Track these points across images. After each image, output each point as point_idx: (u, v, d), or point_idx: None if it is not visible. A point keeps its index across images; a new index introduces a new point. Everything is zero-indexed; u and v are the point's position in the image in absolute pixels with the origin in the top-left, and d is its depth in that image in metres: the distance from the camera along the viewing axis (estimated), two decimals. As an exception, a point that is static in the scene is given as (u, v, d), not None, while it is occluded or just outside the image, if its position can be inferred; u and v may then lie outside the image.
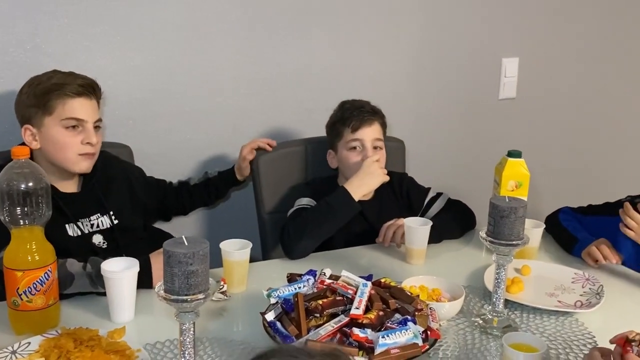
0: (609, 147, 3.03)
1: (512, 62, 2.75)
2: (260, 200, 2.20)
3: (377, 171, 2.00)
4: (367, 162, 2.00)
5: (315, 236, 1.94)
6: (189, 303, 1.21)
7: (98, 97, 1.81)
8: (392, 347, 1.33)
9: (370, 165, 1.99)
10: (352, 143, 2.05)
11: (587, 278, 1.79)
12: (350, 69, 2.49)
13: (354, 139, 2.05)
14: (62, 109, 1.74)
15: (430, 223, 1.91)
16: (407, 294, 1.52)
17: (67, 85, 1.73)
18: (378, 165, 2.01)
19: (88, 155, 1.79)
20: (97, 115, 1.80)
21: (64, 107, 1.73)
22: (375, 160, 2.01)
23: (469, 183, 2.64)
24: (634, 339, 1.26)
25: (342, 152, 2.07)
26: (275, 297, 1.49)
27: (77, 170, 1.80)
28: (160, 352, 1.44)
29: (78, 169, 1.79)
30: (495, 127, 2.79)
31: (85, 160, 1.79)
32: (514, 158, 1.96)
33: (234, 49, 2.31)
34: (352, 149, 2.06)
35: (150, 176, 2.11)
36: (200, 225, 2.42)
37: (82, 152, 1.77)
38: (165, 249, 1.20)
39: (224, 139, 2.35)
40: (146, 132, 2.26)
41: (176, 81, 2.26)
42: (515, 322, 1.60)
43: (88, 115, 1.77)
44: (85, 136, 1.76)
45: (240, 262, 1.69)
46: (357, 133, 2.05)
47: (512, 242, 1.50)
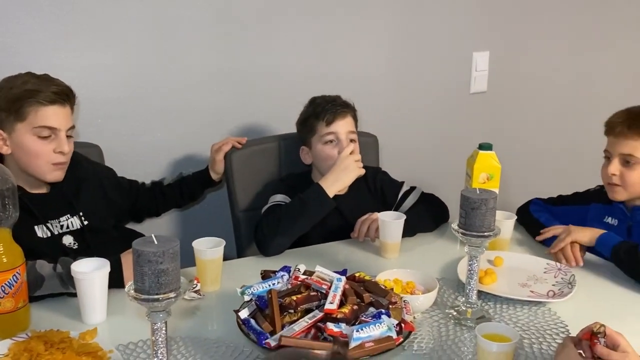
0: (578, 138, 3.06)
1: (483, 56, 2.77)
2: (234, 198, 2.19)
3: (351, 165, 1.99)
4: (341, 157, 2.00)
5: (289, 233, 1.93)
6: (160, 302, 1.19)
7: (72, 103, 1.77)
8: (367, 341, 1.33)
9: (344, 160, 1.99)
10: (328, 137, 2.05)
11: (559, 268, 1.81)
12: (323, 65, 2.48)
13: (329, 133, 2.05)
14: (35, 117, 1.70)
15: (404, 217, 1.92)
16: (382, 287, 1.52)
17: (41, 93, 1.69)
18: (353, 158, 2.00)
19: (60, 164, 1.76)
20: (70, 122, 1.77)
21: (37, 115, 1.70)
22: (350, 153, 2.01)
23: (441, 176, 2.66)
24: (598, 331, 1.28)
25: (317, 147, 2.07)
26: (249, 294, 1.49)
27: (48, 179, 1.77)
28: (133, 352, 1.43)
29: (50, 178, 1.77)
30: (467, 120, 2.81)
31: (57, 170, 1.76)
32: (485, 151, 1.97)
33: (205, 47, 2.29)
34: (328, 142, 2.05)
35: (122, 177, 2.09)
36: (174, 225, 2.40)
37: (54, 161, 1.74)
38: (135, 248, 1.18)
39: (197, 137, 2.34)
40: (116, 131, 2.23)
41: (146, 80, 2.24)
42: (489, 313, 1.61)
43: (61, 123, 1.73)
44: (57, 145, 1.73)
45: (213, 260, 1.68)
46: (332, 126, 2.05)
47: (484, 233, 1.50)
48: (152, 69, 2.23)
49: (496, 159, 1.98)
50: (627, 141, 1.82)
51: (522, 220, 2.09)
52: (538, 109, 2.95)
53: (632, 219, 1.89)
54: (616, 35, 3.01)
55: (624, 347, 1.30)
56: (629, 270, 1.75)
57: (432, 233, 2.09)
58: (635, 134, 1.81)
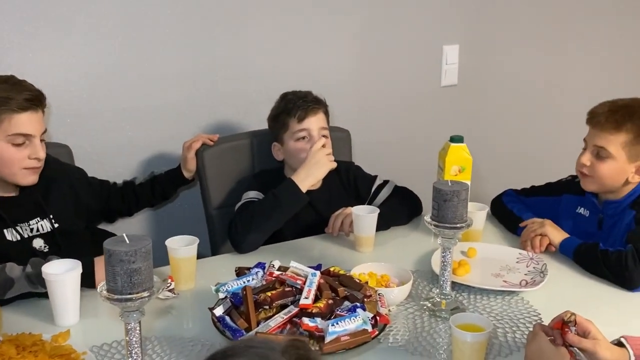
0: (549, 129, 3.10)
1: (453, 49, 2.78)
2: (207, 195, 2.17)
3: (322, 159, 1.99)
4: (312, 151, 1.99)
5: (263, 229, 1.93)
6: (134, 302, 1.19)
7: (44, 107, 1.74)
8: (342, 335, 1.34)
9: (315, 155, 1.99)
10: (300, 133, 2.04)
11: (531, 257, 1.83)
12: (294, 60, 2.48)
13: (302, 129, 2.04)
14: (9, 125, 1.66)
15: (378, 210, 1.93)
16: (356, 281, 1.53)
17: (13, 100, 1.66)
18: (324, 152, 2.00)
19: (34, 169, 1.74)
20: (43, 126, 1.74)
21: (10, 123, 1.66)
22: (322, 147, 2.00)
23: (414, 169, 2.66)
24: (569, 320, 1.30)
25: (290, 143, 2.06)
26: (224, 291, 1.48)
27: (23, 183, 1.75)
28: (107, 353, 1.42)
29: (24, 182, 1.74)
30: (439, 113, 2.83)
31: (31, 174, 1.74)
32: (456, 143, 1.98)
33: (174, 43, 2.27)
34: (300, 139, 2.05)
35: (93, 177, 2.06)
36: (147, 224, 2.38)
37: (28, 166, 1.72)
38: (106, 248, 1.17)
39: (168, 135, 2.32)
40: (86, 130, 2.21)
41: (115, 78, 2.21)
42: (463, 304, 1.63)
43: (35, 129, 1.70)
44: (32, 151, 1.71)
45: (187, 258, 1.67)
46: (304, 123, 2.04)
47: (456, 225, 1.52)
48: (120, 66, 2.21)
49: (467, 151, 1.99)
50: (602, 134, 1.81)
51: (496, 212, 2.11)
52: (508, 101, 2.98)
53: (603, 212, 1.90)
54: (586, 26, 3.05)
55: (595, 334, 1.32)
56: (591, 268, 1.76)
57: (406, 226, 2.10)
58: (611, 128, 1.80)
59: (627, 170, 1.82)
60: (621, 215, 1.86)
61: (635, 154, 1.80)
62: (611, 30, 3.12)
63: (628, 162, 1.81)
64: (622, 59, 3.18)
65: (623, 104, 1.84)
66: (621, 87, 2.14)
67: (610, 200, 1.89)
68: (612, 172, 1.82)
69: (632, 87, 2.21)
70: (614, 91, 1.94)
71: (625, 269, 1.67)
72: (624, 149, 1.80)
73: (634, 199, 1.85)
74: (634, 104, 1.84)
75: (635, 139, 1.79)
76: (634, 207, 1.83)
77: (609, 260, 1.71)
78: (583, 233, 1.89)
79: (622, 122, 1.79)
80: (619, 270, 1.68)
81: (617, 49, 3.16)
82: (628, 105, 1.83)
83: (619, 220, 1.85)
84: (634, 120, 1.79)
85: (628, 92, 1.94)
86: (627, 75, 3.16)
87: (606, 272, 1.71)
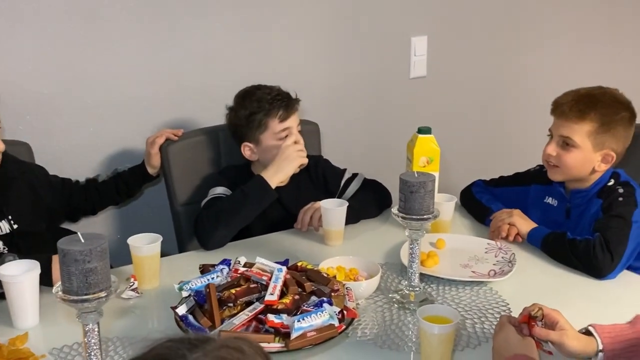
0: (516, 120, 3.11)
1: (421, 40, 2.77)
2: (172, 192, 2.13)
3: (292, 155, 1.97)
4: (283, 147, 1.97)
5: (231, 225, 1.90)
6: (90, 303, 1.15)
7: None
8: (309, 330, 1.32)
9: (285, 150, 1.96)
10: (283, 133, 2.00)
11: (499, 247, 1.83)
12: (259, 53, 2.44)
13: (284, 129, 2.00)
14: None
15: (346, 204, 1.91)
16: (323, 275, 1.51)
17: None
18: (295, 148, 1.98)
19: None
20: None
21: None
22: (293, 143, 1.97)
23: (383, 162, 2.66)
24: (536, 315, 1.30)
25: (270, 143, 2.01)
26: (187, 289, 1.45)
27: None
28: (67, 355, 1.38)
29: None
30: (408, 105, 2.81)
31: None
32: (424, 134, 1.97)
33: (135, 37, 2.22)
34: (283, 138, 2.00)
35: (54, 175, 2.01)
36: (111, 223, 2.33)
37: None
38: (60, 248, 1.13)
39: (131, 131, 2.27)
40: (46, 128, 2.15)
41: (75, 73, 2.16)
42: (432, 296, 1.62)
43: None
44: None
45: (150, 256, 1.63)
46: (286, 122, 2.00)
47: (423, 216, 1.50)
48: (80, 61, 2.15)
49: (435, 142, 1.98)
50: (567, 123, 1.81)
51: (465, 202, 2.11)
52: (477, 92, 2.98)
53: (571, 201, 1.90)
54: (554, 16, 3.06)
55: (562, 325, 1.32)
56: (559, 258, 1.76)
57: (375, 219, 2.08)
58: (576, 117, 1.79)
59: (593, 159, 1.82)
60: (588, 204, 1.86)
61: (601, 143, 1.80)
62: (580, 21, 3.13)
63: (593, 151, 1.80)
64: (589, 49, 3.20)
65: (586, 93, 1.84)
66: (589, 77, 2.14)
67: (578, 190, 1.89)
68: (578, 162, 1.82)
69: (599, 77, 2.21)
70: (581, 81, 1.94)
71: (594, 257, 1.67)
72: (589, 138, 1.79)
73: (601, 187, 1.85)
74: (596, 93, 1.84)
75: (600, 127, 1.79)
76: (601, 196, 1.83)
77: (577, 249, 1.71)
78: (551, 222, 1.89)
79: (586, 111, 1.79)
80: (587, 259, 1.68)
81: (584, 39, 3.17)
82: (591, 94, 1.83)
83: (586, 209, 1.86)
84: (597, 109, 1.79)
85: (595, 82, 1.94)
86: (594, 65, 3.18)
87: (574, 261, 1.72)
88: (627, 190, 1.81)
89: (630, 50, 3.33)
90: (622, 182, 1.84)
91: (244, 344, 0.80)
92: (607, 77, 2.03)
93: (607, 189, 1.83)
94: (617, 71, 3.20)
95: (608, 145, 1.80)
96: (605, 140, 1.80)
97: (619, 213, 1.75)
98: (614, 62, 3.26)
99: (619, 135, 1.81)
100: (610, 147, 1.80)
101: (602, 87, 1.87)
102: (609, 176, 1.85)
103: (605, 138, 1.79)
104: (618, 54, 3.28)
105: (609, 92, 1.85)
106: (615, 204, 1.78)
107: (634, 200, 1.79)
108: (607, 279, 1.68)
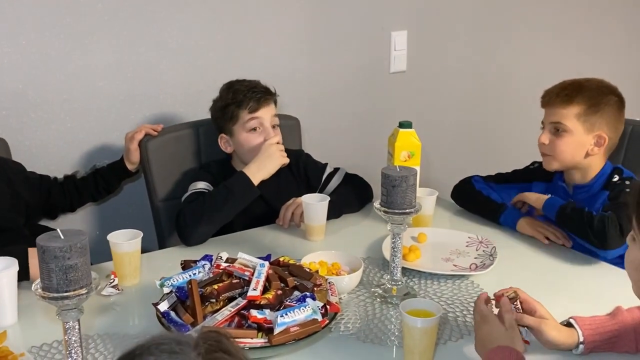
0: (497, 115, 3.12)
1: (401, 35, 2.77)
2: (152, 187, 2.11)
3: (275, 154, 1.97)
4: (266, 145, 1.96)
5: (213, 222, 1.89)
6: (71, 300, 1.13)
7: None
8: (292, 325, 1.31)
9: (268, 148, 1.96)
10: (251, 123, 2.00)
11: (480, 241, 1.84)
12: (238, 47, 2.42)
13: (253, 119, 2.00)
14: None
15: (328, 198, 1.91)
16: (306, 270, 1.50)
17: None
18: (277, 147, 1.98)
19: None
20: None
21: None
22: (275, 142, 1.97)
23: (364, 156, 2.66)
24: (509, 296, 1.33)
25: (241, 135, 2.01)
26: (169, 286, 1.44)
27: None
28: (47, 354, 1.36)
29: None
30: (388, 100, 2.81)
31: None
32: (405, 129, 1.97)
33: (113, 32, 2.19)
34: (252, 130, 2.00)
35: (32, 171, 1.98)
36: (91, 220, 2.30)
37: None
38: (39, 244, 1.11)
39: (109, 126, 2.24)
40: (23, 123, 2.11)
41: (52, 68, 2.12)
42: (414, 289, 1.62)
43: None
44: None
45: (130, 253, 1.61)
46: (256, 114, 2.00)
47: (405, 210, 1.51)
48: (56, 55, 2.11)
49: (416, 136, 1.98)
50: (556, 109, 1.84)
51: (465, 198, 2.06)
52: (457, 87, 2.99)
53: (574, 197, 1.90)
54: (535, 11, 3.07)
55: (542, 314, 1.33)
56: (573, 228, 1.78)
57: (357, 213, 2.08)
58: (564, 102, 1.82)
59: (586, 142, 1.83)
60: (593, 199, 1.86)
61: (591, 125, 1.82)
62: (560, 15, 3.16)
63: (585, 133, 1.82)
64: (571, 44, 3.22)
65: (571, 81, 1.88)
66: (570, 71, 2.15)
67: (580, 185, 1.89)
68: (571, 147, 1.84)
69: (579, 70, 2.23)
70: (563, 76, 1.95)
71: (608, 231, 1.69)
72: (578, 120, 1.82)
73: (604, 180, 1.86)
74: (582, 80, 1.88)
75: (589, 109, 1.81)
76: (607, 188, 1.84)
77: (593, 222, 1.72)
78: None
79: (572, 95, 1.83)
80: (602, 232, 1.70)
81: (565, 34, 3.20)
82: (576, 81, 1.88)
83: (591, 204, 1.84)
84: (583, 92, 1.83)
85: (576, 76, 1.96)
86: (575, 59, 3.20)
87: (589, 232, 1.72)
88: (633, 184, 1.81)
89: (614, 46, 3.36)
90: (627, 177, 1.85)
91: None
92: (588, 71, 2.05)
93: (614, 183, 1.84)
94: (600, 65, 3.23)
95: (599, 127, 1.82)
96: (595, 122, 1.82)
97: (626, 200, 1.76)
98: (596, 55, 3.29)
99: (609, 116, 1.83)
100: (602, 128, 1.82)
101: (587, 77, 1.91)
102: (611, 171, 1.87)
103: (594, 119, 1.82)
104: (600, 48, 3.31)
105: (594, 79, 1.89)
106: (624, 194, 1.78)
107: None
108: (612, 255, 1.70)
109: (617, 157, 2.04)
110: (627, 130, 2.04)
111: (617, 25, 3.35)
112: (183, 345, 0.78)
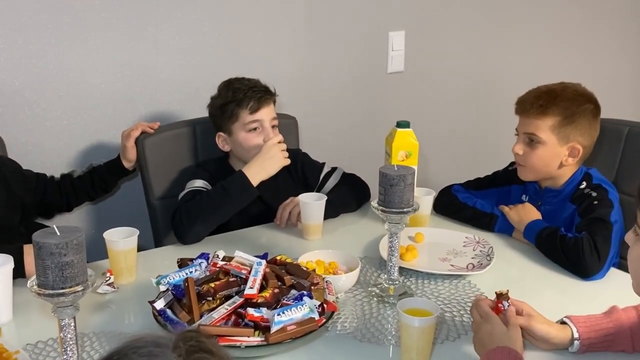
0: (494, 115, 3.12)
1: (399, 35, 2.77)
2: (149, 185, 2.10)
3: (277, 155, 1.95)
4: (267, 145, 1.95)
5: (210, 221, 1.88)
6: (66, 297, 1.13)
7: None
8: (289, 324, 1.31)
9: (270, 149, 1.94)
10: (252, 124, 1.98)
11: (477, 241, 1.83)
12: (237, 46, 2.42)
13: (254, 120, 1.98)
14: None
15: (325, 198, 1.90)
16: (303, 269, 1.49)
17: None
18: (279, 148, 1.96)
19: None
20: None
21: None
22: (277, 142, 1.96)
23: (362, 156, 2.65)
24: (501, 292, 1.34)
25: (240, 134, 2.00)
26: (165, 284, 1.43)
27: None
28: (42, 351, 1.35)
29: None
30: (386, 100, 2.81)
31: None
32: (403, 128, 1.96)
33: (110, 29, 2.18)
34: (252, 130, 1.99)
35: (28, 169, 1.97)
36: (87, 219, 2.29)
37: None
38: (35, 240, 1.11)
39: (105, 124, 2.23)
40: (19, 121, 2.10)
41: (49, 65, 2.11)
42: (411, 289, 1.62)
43: None
44: None
45: (126, 251, 1.61)
46: (257, 114, 1.98)
47: (403, 209, 1.50)
48: (55, 52, 2.11)
49: (414, 136, 1.98)
50: (530, 120, 1.81)
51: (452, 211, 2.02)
52: (454, 87, 2.99)
53: (542, 198, 1.90)
54: (531, 13, 3.08)
55: (528, 312, 1.33)
56: (549, 254, 1.74)
57: (355, 213, 2.08)
58: (539, 113, 1.79)
59: (560, 153, 1.81)
60: (560, 206, 1.85)
61: (565, 136, 1.80)
62: (557, 16, 3.16)
63: (559, 145, 1.80)
64: (568, 45, 3.23)
65: (546, 89, 1.84)
66: (565, 72, 2.16)
67: (550, 189, 1.88)
68: (546, 158, 1.82)
69: (574, 72, 2.24)
70: (558, 77, 1.95)
71: (582, 257, 1.64)
72: (553, 132, 1.79)
73: (573, 190, 1.84)
74: (557, 88, 1.84)
75: (563, 120, 1.79)
76: (575, 202, 1.82)
77: (567, 247, 1.68)
78: None
79: (547, 105, 1.79)
80: (576, 258, 1.65)
81: (562, 35, 3.20)
82: (552, 89, 1.83)
83: (558, 211, 1.84)
84: (557, 102, 1.79)
85: (570, 77, 1.95)
86: (572, 59, 3.21)
87: (563, 258, 1.69)
88: (600, 193, 1.79)
89: (610, 47, 3.36)
90: (594, 185, 1.82)
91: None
92: (587, 72, 2.05)
93: (580, 193, 1.82)
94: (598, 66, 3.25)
95: (573, 137, 1.80)
96: (569, 133, 1.79)
97: (599, 215, 1.73)
98: (591, 56, 3.30)
99: (583, 127, 1.80)
100: (576, 139, 1.80)
101: (564, 82, 1.87)
102: (580, 177, 1.85)
103: (569, 130, 1.79)
104: (599, 49, 3.32)
105: (570, 86, 1.85)
106: (592, 207, 1.76)
107: (608, 201, 1.77)
108: (593, 279, 1.65)
109: (613, 160, 2.04)
110: (624, 132, 2.05)
111: (612, 27, 3.36)
112: (162, 348, 0.77)
